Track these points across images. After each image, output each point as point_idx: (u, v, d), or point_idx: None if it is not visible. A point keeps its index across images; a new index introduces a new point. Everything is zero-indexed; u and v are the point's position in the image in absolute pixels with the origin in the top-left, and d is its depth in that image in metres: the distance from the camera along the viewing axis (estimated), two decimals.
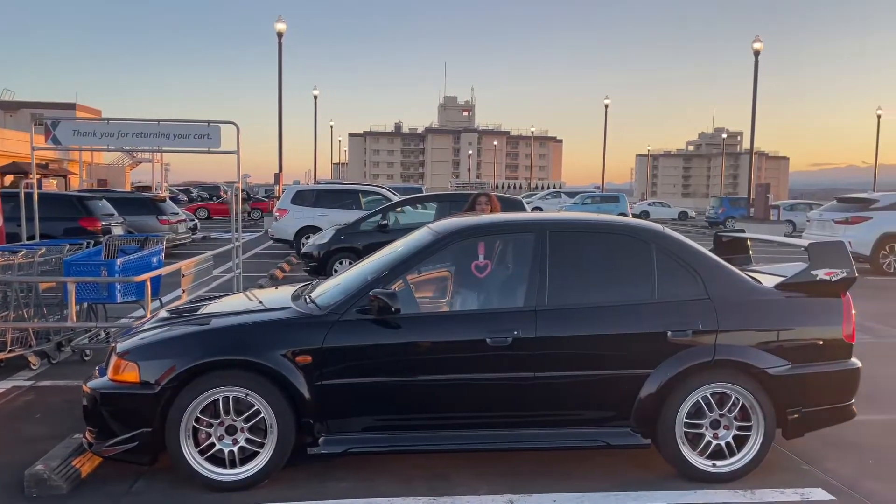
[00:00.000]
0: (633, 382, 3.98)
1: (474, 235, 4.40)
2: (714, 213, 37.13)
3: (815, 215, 16.43)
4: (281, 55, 25.73)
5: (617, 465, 4.23)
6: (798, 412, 4.07)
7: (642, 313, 4.06)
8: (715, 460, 4.03)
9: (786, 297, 4.19)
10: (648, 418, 3.98)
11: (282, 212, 16.14)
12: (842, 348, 4.18)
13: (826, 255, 4.23)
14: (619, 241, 4.30)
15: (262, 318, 4.10)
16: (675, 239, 4.31)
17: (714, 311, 4.05)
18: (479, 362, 3.92)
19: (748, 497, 3.85)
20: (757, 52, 26.27)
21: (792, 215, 29.82)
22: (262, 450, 3.82)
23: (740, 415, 4.03)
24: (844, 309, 4.18)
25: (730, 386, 4.02)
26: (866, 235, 14.20)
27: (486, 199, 6.65)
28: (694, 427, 4.01)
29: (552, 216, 4.63)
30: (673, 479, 4.03)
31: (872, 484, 4.04)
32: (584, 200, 36.48)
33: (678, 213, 47.35)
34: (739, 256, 5.36)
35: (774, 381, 4.00)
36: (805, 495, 3.88)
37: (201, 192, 47.89)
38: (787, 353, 4.06)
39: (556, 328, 3.97)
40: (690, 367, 3.95)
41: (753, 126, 27.66)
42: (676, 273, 4.14)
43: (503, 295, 4.28)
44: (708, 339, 4.00)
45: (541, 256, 4.11)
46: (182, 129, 8.50)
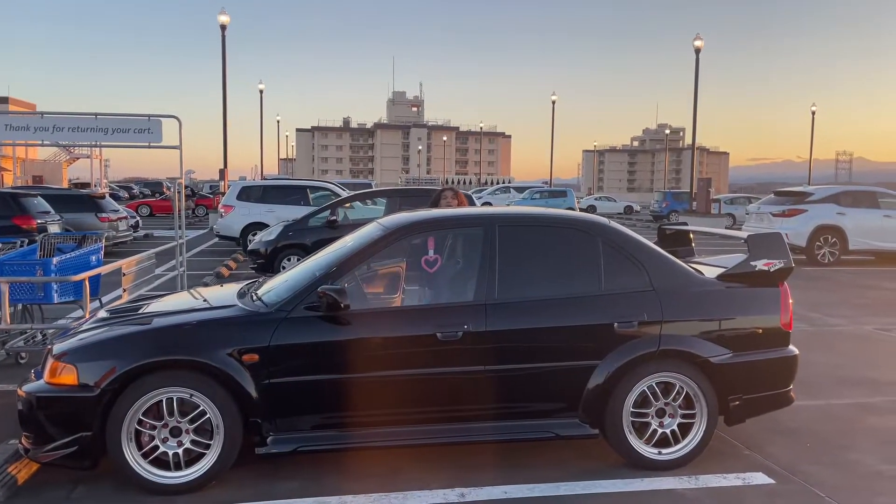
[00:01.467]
0: (581, 374, 4.03)
1: (423, 230, 4.39)
2: (658, 207, 38.01)
3: (754, 208, 16.99)
4: (224, 48, 25.19)
5: (566, 455, 4.29)
6: (739, 399, 4.19)
7: (589, 305, 4.12)
8: (661, 448, 4.12)
9: (727, 288, 4.31)
10: (596, 409, 4.04)
11: (227, 208, 15.81)
12: (780, 336, 4.33)
13: (764, 247, 4.37)
14: (567, 234, 4.35)
15: (207, 317, 4.00)
16: (621, 232, 4.38)
17: (659, 302, 4.13)
18: (430, 357, 3.91)
19: (692, 483, 3.95)
20: (698, 51, 26.96)
21: (732, 209, 30.76)
22: (209, 451, 3.74)
23: (684, 403, 4.13)
24: (782, 298, 4.33)
25: (674, 375, 4.11)
26: (802, 227, 14.75)
27: (453, 194, 6.30)
28: (640, 416, 4.09)
29: (501, 210, 4.66)
30: (620, 468, 4.11)
31: (809, 467, 4.19)
32: (532, 195, 36.91)
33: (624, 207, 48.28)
34: (682, 249, 5.49)
35: (717, 369, 4.12)
36: (746, 479, 4.00)
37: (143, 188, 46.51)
38: (729, 342, 4.18)
39: (505, 322, 3.99)
40: (636, 357, 4.03)
41: (695, 122, 28.40)
42: (622, 265, 4.22)
43: (453, 289, 4.28)
44: (653, 329, 4.09)
45: (490, 251, 4.12)
46: (122, 123, 8.21)
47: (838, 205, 14.93)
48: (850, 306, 9.91)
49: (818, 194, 15.35)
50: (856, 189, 16.25)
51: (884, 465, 4.25)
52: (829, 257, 14.74)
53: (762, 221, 15.66)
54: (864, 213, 14.90)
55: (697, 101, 27.62)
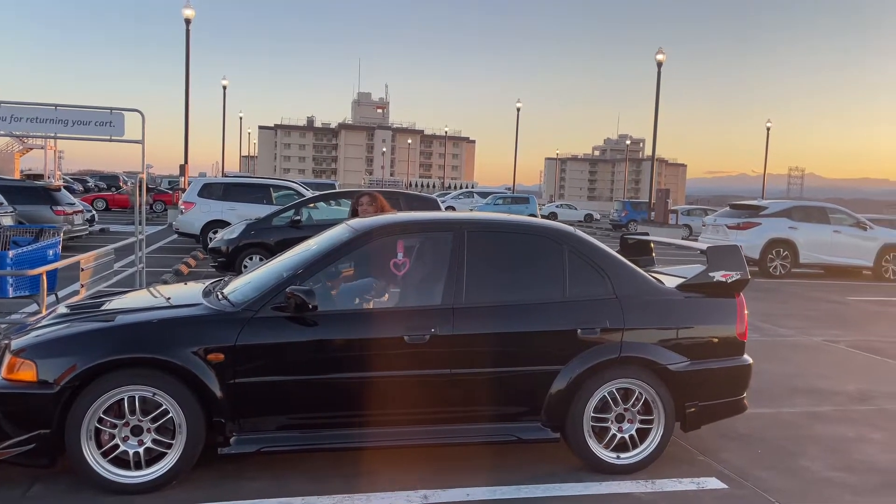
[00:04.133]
0: (544, 378, 4.11)
1: (393, 233, 4.41)
2: (617, 216, 38.65)
3: (710, 220, 17.42)
4: (189, 43, 24.77)
5: (528, 458, 4.36)
6: (696, 406, 4.32)
7: (554, 311, 4.20)
8: (619, 452, 4.22)
9: (686, 297, 4.43)
10: (558, 413, 4.12)
11: (188, 205, 15.55)
12: (735, 346, 4.47)
13: (722, 258, 4.52)
14: (534, 241, 4.42)
15: (172, 315, 3.96)
16: (586, 240, 4.48)
17: (621, 309, 4.23)
18: (397, 359, 3.94)
19: (649, 487, 4.05)
20: (660, 64, 27.54)
21: (689, 220, 31.44)
22: (170, 450, 3.70)
23: (643, 409, 4.24)
24: (738, 309, 4.47)
25: (634, 381, 4.21)
26: (756, 240, 15.18)
27: (370, 200, 5.88)
28: (600, 421, 4.18)
29: (470, 216, 4.71)
30: (580, 471, 4.19)
31: (761, 473, 4.34)
32: (495, 201, 37.11)
33: (584, 215, 48.96)
34: (644, 258, 5.63)
35: (675, 376, 4.23)
36: (700, 484, 4.13)
37: (98, 181, 45.33)
38: (687, 350, 4.30)
39: (472, 326, 4.04)
40: (598, 363, 4.12)
41: (655, 134, 28.97)
42: (586, 273, 4.31)
43: (421, 293, 4.32)
44: (615, 336, 4.19)
45: (459, 255, 4.17)
46: (82, 115, 8.05)
47: (790, 219, 15.41)
48: (800, 318, 10.25)
49: (771, 208, 15.82)
50: (807, 204, 16.80)
51: (831, 471, 4.42)
52: (781, 270, 15.20)
53: (718, 233, 16.07)
54: (814, 227, 15.41)
55: (658, 113, 28.19)
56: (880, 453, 4.77)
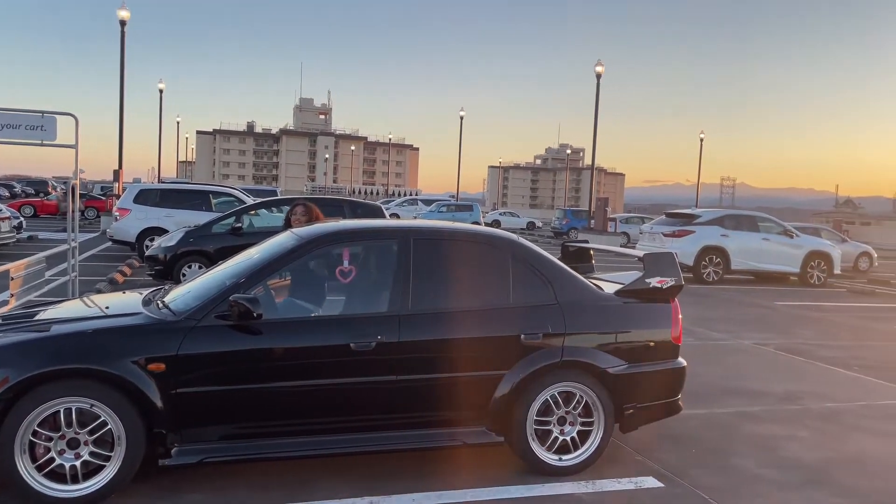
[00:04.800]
0: (489, 383, 4.18)
1: (339, 241, 4.42)
2: (559, 224, 39.36)
3: (647, 228, 17.96)
4: (123, 45, 24.09)
5: (473, 462, 4.42)
6: (633, 408, 4.46)
7: (499, 318, 4.28)
8: (561, 454, 4.32)
9: (624, 303, 4.59)
10: (503, 417, 4.20)
11: (123, 211, 15.10)
12: (671, 349, 4.65)
13: (658, 265, 4.69)
14: (479, 249, 4.50)
15: (111, 325, 3.87)
16: (529, 248, 4.58)
17: (562, 315, 4.35)
18: (343, 367, 3.95)
19: (589, 487, 4.17)
20: (599, 76, 28.25)
21: (627, 227, 32.27)
22: (109, 463, 3.60)
23: (583, 411, 4.36)
24: (673, 314, 4.65)
25: (575, 385, 4.33)
26: (690, 247, 15.72)
27: (304, 210, 5.88)
28: (543, 424, 4.28)
29: (416, 223, 4.75)
30: (523, 474, 4.27)
31: (695, 471, 4.51)
32: (439, 208, 37.32)
33: (527, 222, 49.63)
34: (584, 265, 5.79)
35: (614, 379, 4.37)
36: (638, 483, 4.27)
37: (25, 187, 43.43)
38: (625, 354, 4.45)
39: (418, 332, 4.09)
40: (541, 367, 4.22)
41: (595, 144, 29.67)
42: (529, 280, 4.41)
43: (367, 300, 4.34)
44: (556, 341, 4.30)
45: (405, 263, 4.21)
46: (12, 118, 7.75)
47: (722, 227, 16.03)
48: (731, 322, 10.67)
49: (705, 217, 16.42)
50: (738, 213, 17.50)
51: (761, 468, 4.64)
52: (714, 276, 15.78)
53: (654, 241, 16.57)
54: (745, 235, 16.07)
55: (597, 123, 28.89)
56: (805, 451, 5.02)
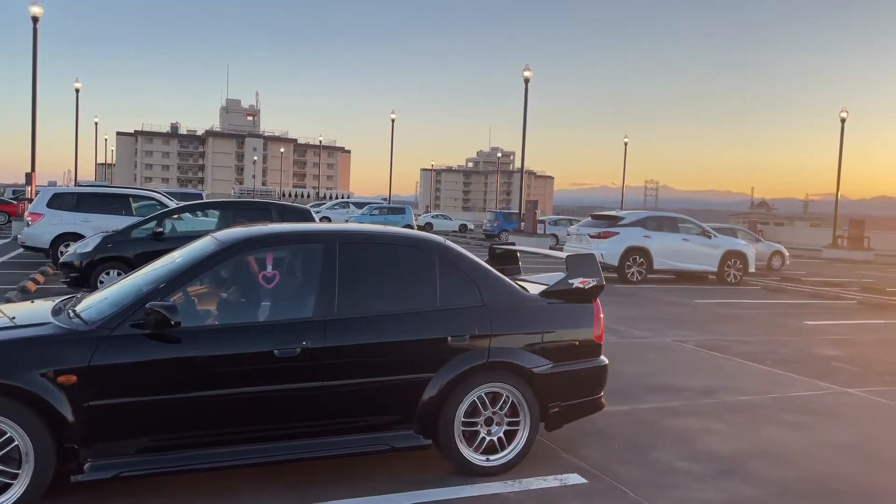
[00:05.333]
0: (417, 386, 4.18)
1: (262, 245, 4.33)
2: (490, 226, 39.80)
3: (574, 230, 18.37)
4: (36, 42, 22.92)
5: (402, 466, 4.41)
6: (558, 406, 4.55)
7: (426, 321, 4.29)
8: (489, 455, 4.36)
9: (548, 304, 4.67)
10: (430, 420, 4.20)
11: (35, 216, 14.36)
12: (593, 348, 4.76)
13: (580, 266, 4.80)
14: (406, 252, 4.51)
15: (17, 336, 3.67)
16: (456, 251, 4.62)
17: (489, 317, 4.40)
18: (267, 374, 3.87)
19: (516, 486, 4.23)
20: (527, 80, 28.71)
21: (556, 229, 32.90)
22: (16, 481, 3.42)
23: (510, 411, 4.42)
24: (595, 313, 4.77)
25: (502, 385, 4.38)
26: (614, 248, 16.18)
27: None
28: (470, 425, 4.32)
29: (342, 227, 4.71)
30: (452, 476, 4.30)
31: (617, 467, 4.64)
32: (371, 211, 37.10)
33: (459, 225, 49.98)
34: (510, 267, 5.88)
35: (539, 379, 4.45)
36: (563, 480, 4.35)
37: None
38: (549, 353, 4.53)
39: (344, 337, 4.05)
40: (468, 369, 4.25)
41: (524, 148, 30.14)
42: (456, 282, 4.44)
43: (292, 306, 4.26)
44: (483, 343, 4.34)
45: (330, 267, 4.17)
46: None
47: (645, 228, 16.55)
48: (654, 320, 11.03)
49: (628, 218, 16.92)
50: (660, 215, 18.11)
51: (680, 461, 4.81)
52: (637, 275, 16.27)
53: (581, 242, 16.96)
54: (666, 236, 16.64)
55: (526, 127, 29.37)
56: (721, 443, 5.24)
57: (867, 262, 30.49)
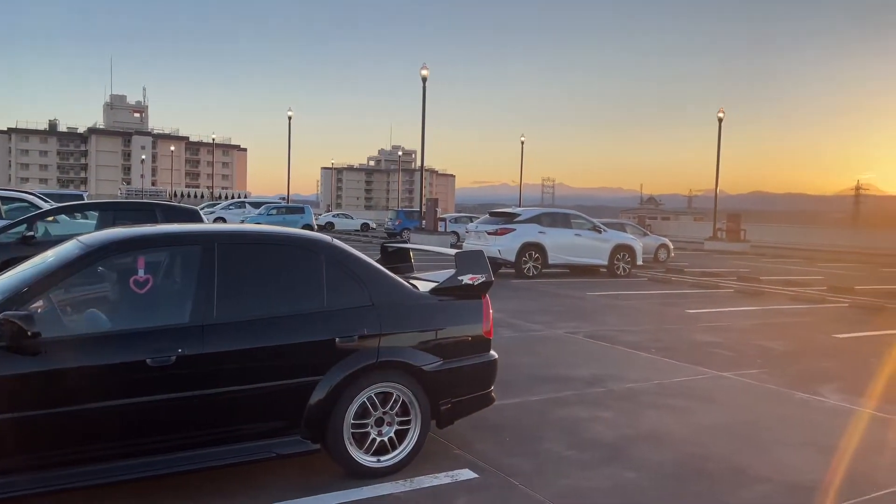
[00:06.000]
0: (303, 390, 4.07)
1: (131, 248, 4.08)
2: (392, 225, 39.74)
3: (473, 227, 18.61)
4: None
5: (292, 472, 4.29)
6: (449, 403, 4.57)
7: (312, 322, 4.19)
8: (380, 455, 4.32)
9: (439, 301, 4.68)
10: (318, 424, 4.11)
11: None
12: (482, 343, 4.81)
13: (469, 263, 4.84)
14: (290, 252, 4.38)
15: None
16: (343, 250, 4.54)
17: (378, 316, 4.35)
18: (140, 385, 3.65)
19: (408, 486, 4.20)
20: (424, 79, 28.82)
21: (456, 227, 33.27)
22: None
23: (401, 411, 4.39)
24: (484, 309, 4.82)
25: (392, 385, 4.35)
26: (511, 244, 16.52)
27: None
28: (360, 427, 4.25)
29: (221, 228, 4.51)
30: (342, 479, 4.22)
31: (508, 459, 4.71)
32: (269, 211, 36.13)
33: (361, 224, 49.61)
34: (403, 265, 5.86)
35: (429, 377, 4.44)
36: (455, 476, 4.37)
37: None
38: (439, 351, 4.54)
39: (224, 343, 3.88)
40: (357, 370, 4.18)
41: (423, 146, 30.25)
42: (344, 282, 4.36)
43: (166, 311, 4.04)
44: (372, 342, 4.29)
45: (208, 270, 3.99)
46: None
47: (540, 225, 16.99)
48: (548, 313, 11.33)
49: (524, 215, 17.32)
50: (553, 211, 18.67)
51: (568, 450, 4.94)
52: (534, 270, 16.69)
53: (479, 239, 17.21)
54: (560, 232, 17.15)
55: (425, 125, 29.48)
56: (607, 430, 5.43)
57: (743, 252, 32.67)
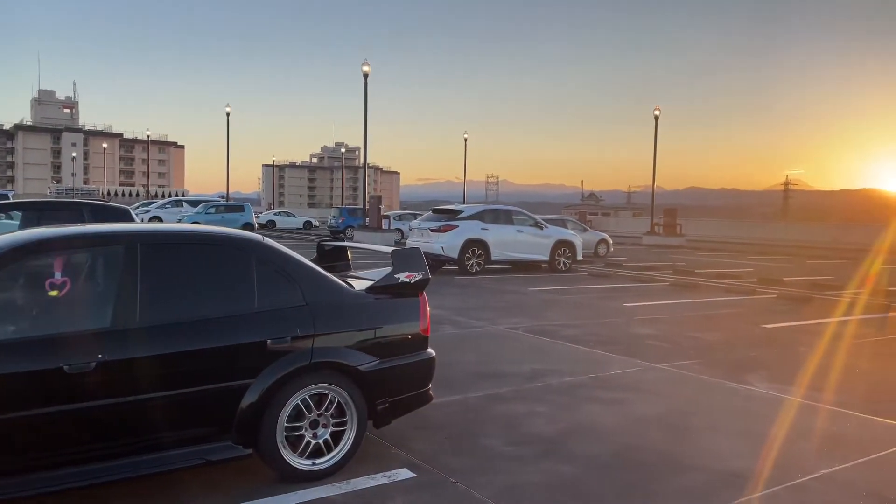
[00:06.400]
0: (234, 394, 3.96)
1: (48, 250, 3.88)
2: (335, 223, 39.36)
3: (416, 224, 18.56)
4: None
5: (223, 477, 4.16)
6: (386, 402, 4.51)
7: (242, 324, 4.07)
8: (315, 458, 4.23)
9: (375, 299, 4.62)
10: (250, 428, 4.00)
11: None
12: (420, 341, 4.77)
13: (406, 261, 4.80)
14: (218, 252, 4.24)
15: None
16: (274, 249, 4.42)
17: (311, 316, 4.26)
18: (56, 394, 3.47)
19: (344, 488, 4.14)
20: (366, 75, 28.61)
21: (400, 224, 33.16)
22: None
23: (336, 412, 4.31)
24: (421, 307, 4.78)
25: (327, 386, 4.27)
26: (454, 241, 16.54)
27: None
28: (294, 430, 4.16)
29: (144, 227, 4.33)
30: (276, 484, 4.12)
31: (447, 457, 4.69)
32: (207, 210, 35.22)
33: (303, 222, 48.93)
34: (341, 263, 5.77)
35: (365, 376, 4.38)
36: (392, 476, 4.32)
37: None
38: (376, 350, 4.48)
39: (149, 347, 3.74)
40: (289, 372, 4.09)
41: (365, 142, 30.03)
42: (276, 282, 4.26)
43: (86, 316, 3.85)
44: (306, 343, 4.19)
45: (131, 271, 3.82)
46: None
47: (482, 221, 17.07)
48: (490, 309, 11.38)
49: (466, 212, 17.37)
50: (496, 208, 18.78)
51: (506, 446, 4.95)
52: (477, 267, 16.76)
53: (423, 236, 17.18)
54: (502, 228, 17.27)
55: (367, 122, 29.27)
56: (544, 424, 5.47)
57: (679, 246, 33.60)
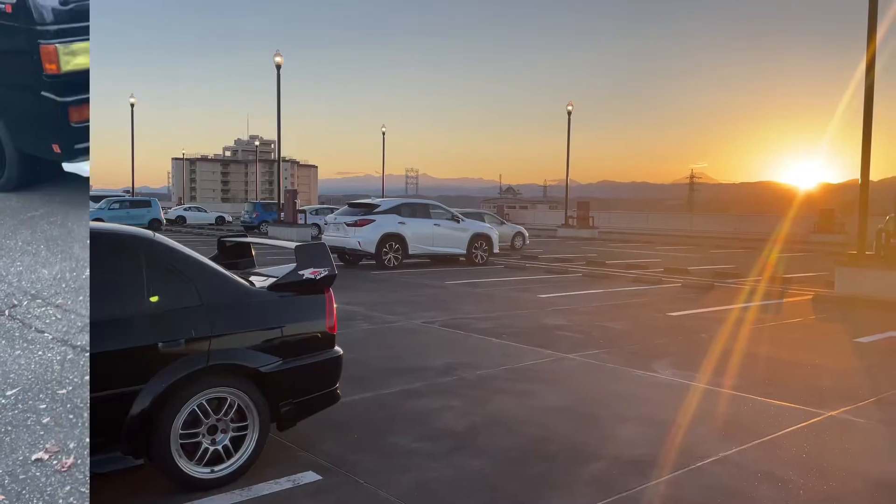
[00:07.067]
0: (122, 402, 3.71)
1: None
2: (249, 218, 38.30)
3: (332, 218, 18.27)
4: None
5: (116, 488, 3.91)
6: (290, 404, 4.36)
7: (130, 326, 3.82)
8: (214, 465, 4.03)
9: (278, 297, 4.44)
10: (141, 437, 3.76)
11: None
12: (326, 340, 4.63)
13: (311, 256, 4.64)
14: (104, 250, 3.97)
15: None
16: (167, 246, 4.19)
17: (208, 316, 4.05)
18: None
19: (246, 494, 3.96)
20: (279, 66, 27.91)
21: (317, 219, 32.65)
22: None
23: (237, 416, 4.13)
24: (327, 304, 4.64)
25: (225, 389, 4.07)
26: (371, 235, 16.37)
27: None
28: (190, 437, 3.95)
29: None
30: (173, 494, 3.91)
31: (354, 457, 4.57)
32: (110, 205, 33.54)
33: (216, 217, 47.45)
34: (243, 260, 5.55)
35: (267, 378, 4.21)
36: (296, 480, 4.17)
37: None
38: (279, 350, 4.31)
39: None
40: (183, 376, 3.87)
41: (279, 135, 29.34)
42: (168, 281, 4.02)
43: None
44: (202, 345, 3.99)
45: None
46: None
47: (400, 215, 16.97)
48: (406, 304, 11.30)
49: (384, 206, 17.22)
50: (413, 202, 18.70)
51: (416, 442, 4.88)
52: (394, 261, 16.65)
53: (339, 231, 16.91)
54: (419, 222, 17.22)
55: (281, 114, 28.56)
56: (456, 419, 5.44)
57: (592, 238, 34.57)
